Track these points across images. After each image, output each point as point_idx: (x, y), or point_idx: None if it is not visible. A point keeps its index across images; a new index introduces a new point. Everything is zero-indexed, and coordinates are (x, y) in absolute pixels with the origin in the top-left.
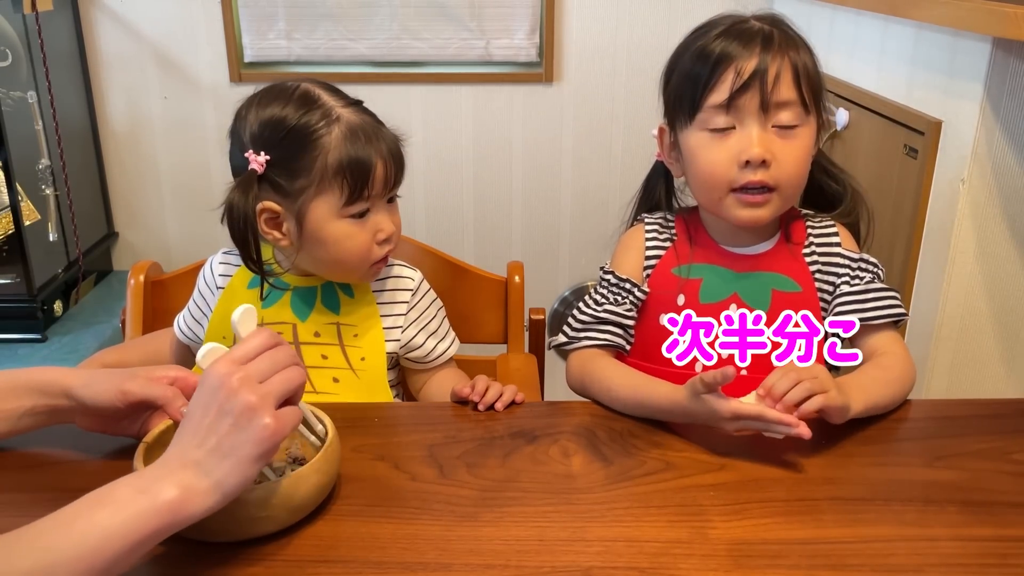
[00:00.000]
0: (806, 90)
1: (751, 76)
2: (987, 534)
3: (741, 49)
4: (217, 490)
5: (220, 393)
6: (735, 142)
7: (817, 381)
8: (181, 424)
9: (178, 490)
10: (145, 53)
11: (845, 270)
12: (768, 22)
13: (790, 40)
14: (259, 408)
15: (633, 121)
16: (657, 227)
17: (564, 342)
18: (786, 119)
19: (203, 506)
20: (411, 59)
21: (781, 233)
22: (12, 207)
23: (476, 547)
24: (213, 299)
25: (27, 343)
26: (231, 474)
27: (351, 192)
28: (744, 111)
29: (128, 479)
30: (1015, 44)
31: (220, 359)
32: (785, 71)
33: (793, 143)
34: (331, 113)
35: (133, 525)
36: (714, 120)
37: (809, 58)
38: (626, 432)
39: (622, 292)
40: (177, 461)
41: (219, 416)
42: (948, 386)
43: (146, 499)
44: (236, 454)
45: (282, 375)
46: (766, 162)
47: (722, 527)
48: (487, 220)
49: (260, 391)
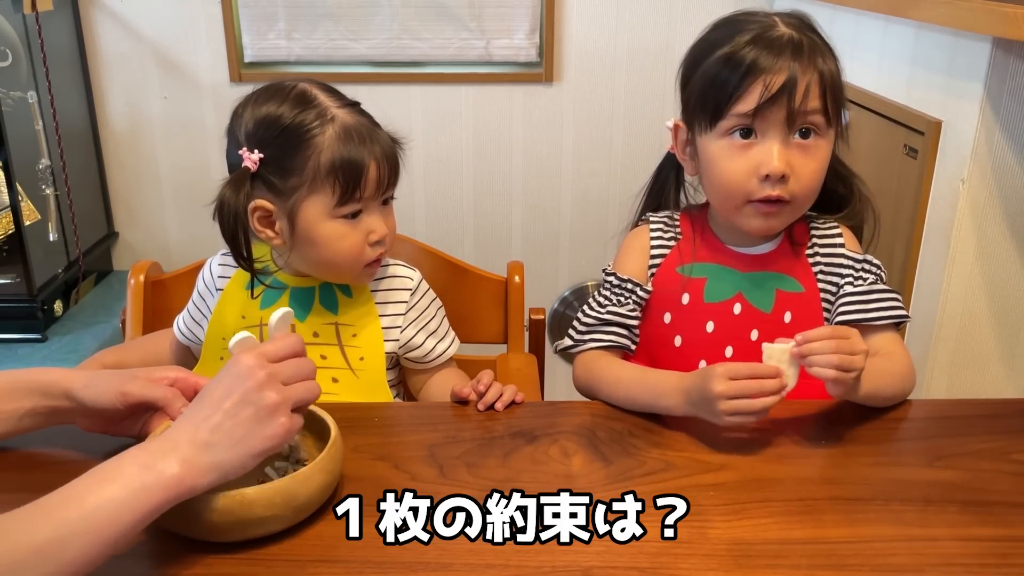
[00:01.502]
0: (831, 101)
1: (780, 90)
2: (987, 534)
3: (771, 60)
4: (217, 470)
5: (248, 382)
6: (756, 154)
7: (848, 360)
8: (197, 399)
9: (181, 466)
10: (145, 53)
11: (848, 271)
12: (796, 27)
13: (818, 48)
14: (280, 407)
15: (633, 121)
16: (662, 227)
17: (570, 345)
18: (809, 132)
19: (202, 482)
20: (411, 59)
21: (785, 234)
22: (12, 207)
23: (476, 547)
24: (212, 300)
25: (27, 343)
26: (234, 460)
27: (343, 193)
28: (769, 123)
29: (133, 454)
30: (1015, 44)
31: (252, 350)
32: (813, 84)
33: (813, 157)
34: (326, 113)
35: (140, 499)
36: (736, 127)
37: (834, 65)
38: (626, 432)
39: (625, 293)
40: (185, 436)
41: (241, 403)
42: (948, 386)
43: (151, 475)
44: (246, 443)
45: (305, 385)
46: (785, 177)
47: (722, 527)
48: (487, 220)
49: (284, 392)
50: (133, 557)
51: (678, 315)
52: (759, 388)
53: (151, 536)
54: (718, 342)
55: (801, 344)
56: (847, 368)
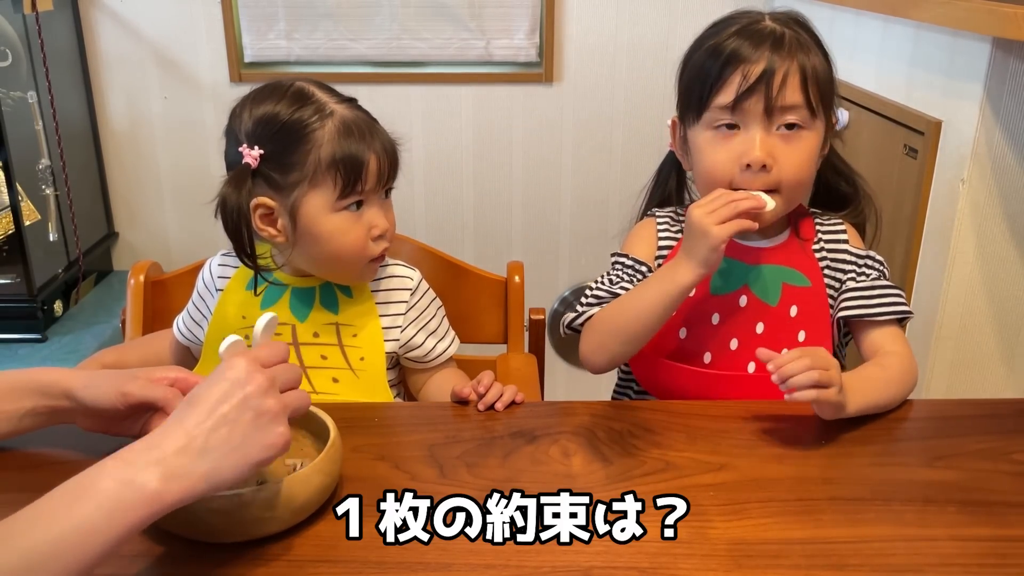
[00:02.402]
0: (813, 94)
1: (757, 79)
2: (987, 534)
3: (750, 51)
4: (209, 479)
5: (247, 387)
6: (738, 143)
7: (827, 374)
8: (187, 404)
9: (163, 480)
10: (145, 53)
11: (851, 266)
12: (782, 22)
13: (801, 42)
14: (279, 415)
15: (633, 121)
16: (668, 220)
17: (575, 316)
18: (793, 125)
19: (190, 494)
20: (411, 59)
21: (791, 229)
22: (12, 207)
23: (476, 547)
24: (212, 300)
25: (27, 343)
26: (230, 467)
27: (344, 186)
28: (749, 113)
29: (111, 466)
30: (1015, 44)
31: (245, 354)
32: (792, 75)
33: (797, 146)
34: (324, 108)
35: (116, 519)
36: (719, 120)
37: (819, 60)
38: (626, 432)
39: (637, 275)
40: (173, 443)
41: (240, 408)
42: (948, 386)
43: (130, 491)
44: (243, 450)
45: (298, 393)
46: (767, 166)
47: (722, 527)
48: (487, 220)
49: (281, 400)
50: (131, 557)
51: (684, 306)
52: (731, 197)
53: (149, 536)
54: (723, 334)
55: (775, 371)
56: (826, 383)
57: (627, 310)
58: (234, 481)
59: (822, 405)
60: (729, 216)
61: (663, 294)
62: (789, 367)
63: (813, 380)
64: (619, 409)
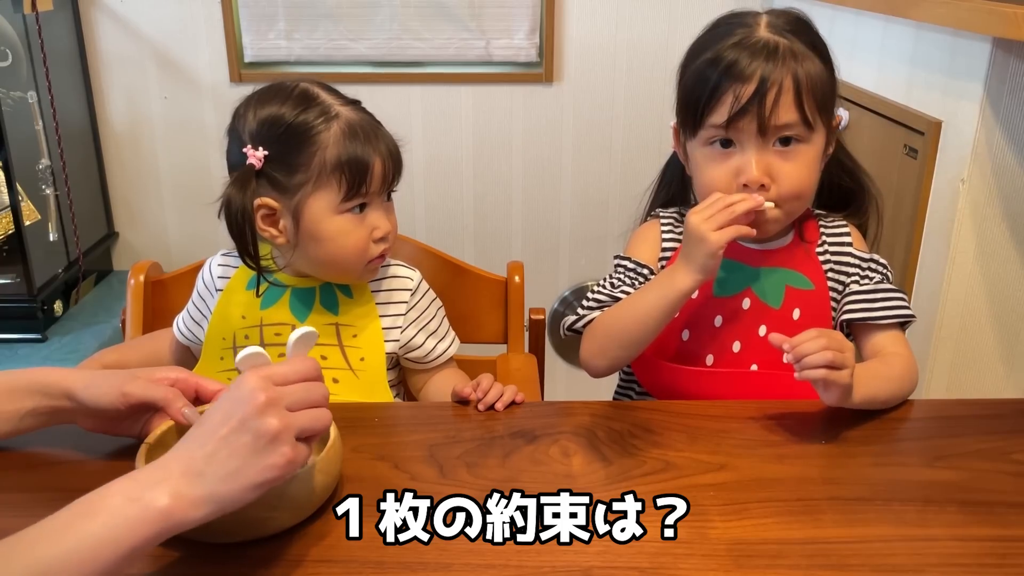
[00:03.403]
0: (809, 106)
1: (749, 100)
2: (987, 534)
3: (743, 67)
4: (210, 503)
5: (246, 407)
6: (735, 162)
7: (841, 356)
8: (199, 422)
9: (171, 499)
10: (145, 53)
11: (855, 269)
12: (777, 30)
13: (795, 52)
14: (281, 435)
15: (633, 121)
16: (672, 222)
17: (576, 319)
18: (789, 140)
19: (195, 516)
20: (411, 59)
21: (795, 232)
22: (12, 207)
23: (476, 547)
24: (212, 300)
25: (27, 343)
26: (230, 493)
27: (349, 188)
28: (743, 133)
29: (121, 485)
30: (1015, 44)
31: (255, 371)
32: (786, 92)
33: (795, 161)
34: (330, 110)
35: (125, 534)
36: (715, 137)
37: (816, 67)
38: (626, 432)
39: (640, 278)
40: (179, 466)
41: (238, 431)
42: (948, 386)
43: (137, 508)
44: (242, 474)
45: (312, 413)
46: (764, 185)
47: (722, 527)
48: (487, 220)
49: (286, 419)
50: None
51: (686, 308)
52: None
53: None
54: (726, 337)
55: (790, 350)
56: (839, 365)
57: (626, 315)
58: (237, 503)
59: (830, 387)
60: (726, 222)
61: (662, 299)
62: (805, 346)
63: (827, 360)
64: (619, 409)
